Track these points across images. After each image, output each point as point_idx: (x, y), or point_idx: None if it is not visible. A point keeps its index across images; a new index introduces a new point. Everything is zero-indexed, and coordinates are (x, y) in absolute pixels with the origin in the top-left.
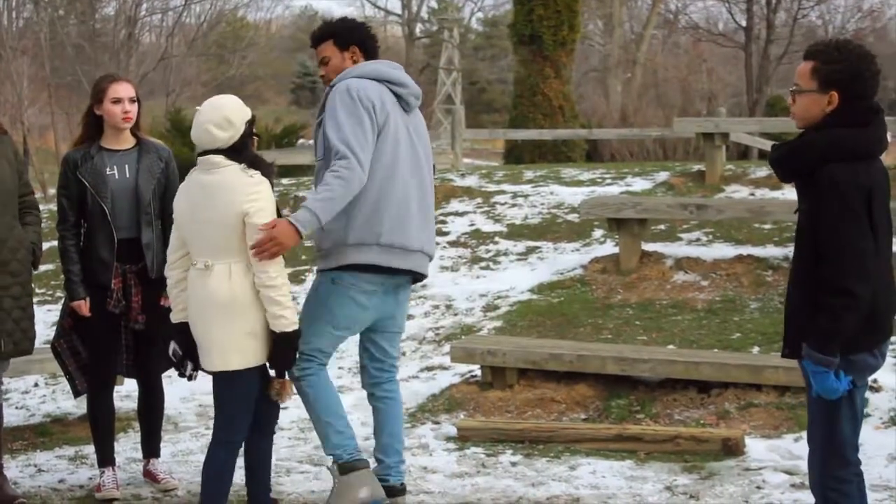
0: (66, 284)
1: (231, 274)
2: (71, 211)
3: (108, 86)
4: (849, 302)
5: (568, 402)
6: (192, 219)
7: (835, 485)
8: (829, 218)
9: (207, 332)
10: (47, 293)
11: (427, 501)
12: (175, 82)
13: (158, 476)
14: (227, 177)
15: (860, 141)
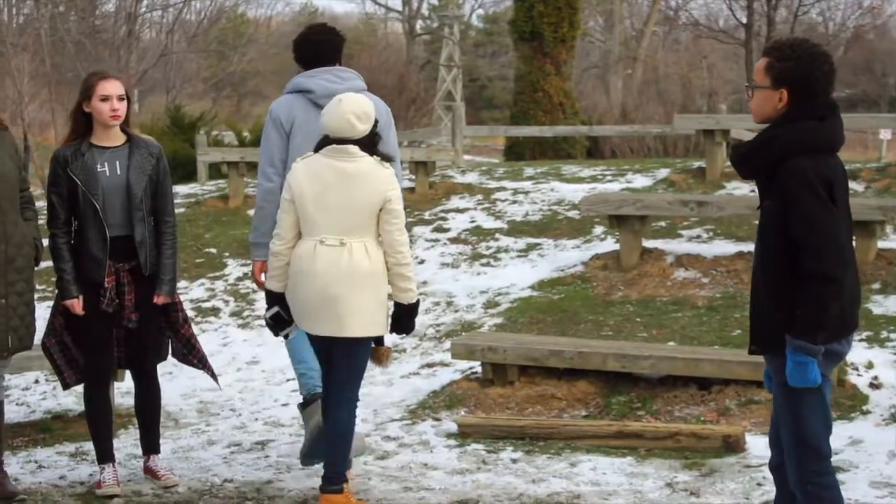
0: (57, 283)
1: (367, 250)
2: (62, 209)
3: (97, 83)
4: (834, 289)
5: (569, 399)
6: (323, 201)
7: (814, 478)
8: (803, 209)
9: (350, 302)
10: (47, 290)
11: (427, 498)
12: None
13: (159, 473)
14: (367, 166)
15: (820, 135)
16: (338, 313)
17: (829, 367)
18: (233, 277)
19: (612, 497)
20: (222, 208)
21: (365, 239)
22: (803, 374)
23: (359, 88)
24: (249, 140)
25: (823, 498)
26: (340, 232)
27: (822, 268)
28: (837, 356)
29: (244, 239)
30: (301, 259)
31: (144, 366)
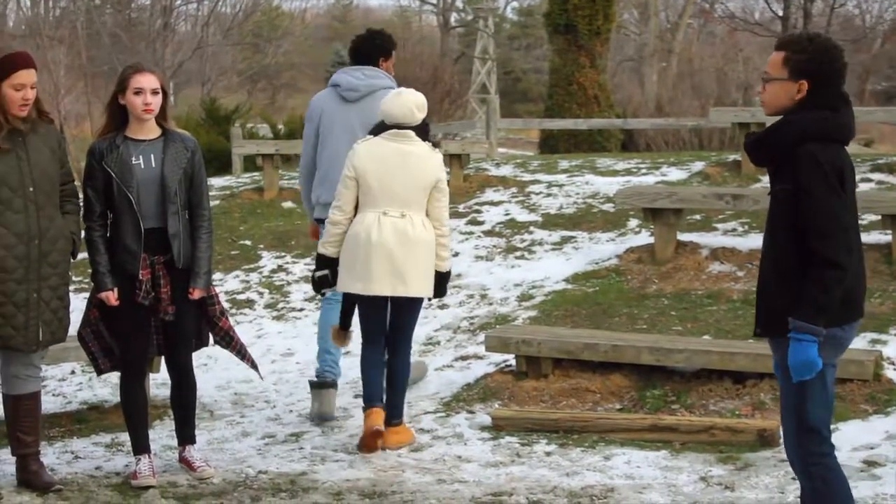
0: (92, 275)
1: (423, 223)
2: (97, 201)
3: (131, 76)
4: (839, 274)
5: (603, 392)
6: (386, 178)
7: (817, 460)
8: (813, 193)
9: (415, 266)
10: (84, 281)
11: (461, 490)
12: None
13: (194, 464)
14: (423, 150)
15: (833, 124)
16: (403, 275)
17: (831, 353)
18: (267, 269)
19: (647, 491)
20: (257, 200)
21: (420, 213)
22: (804, 355)
23: (380, 87)
24: (284, 133)
25: (828, 478)
26: (400, 206)
27: (827, 252)
28: (839, 342)
29: (279, 231)
30: (367, 229)
31: (179, 359)
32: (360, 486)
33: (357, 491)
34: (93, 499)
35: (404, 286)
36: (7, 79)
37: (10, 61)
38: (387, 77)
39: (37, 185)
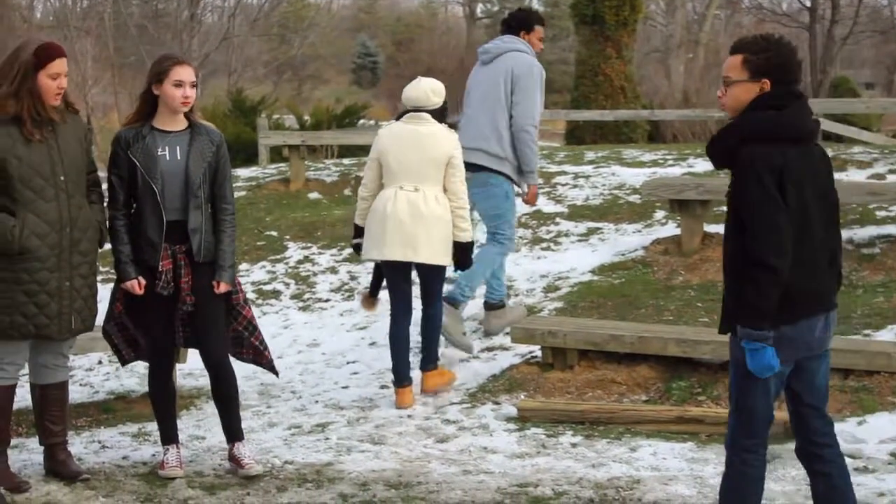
0: (115, 265)
1: (437, 197)
2: (121, 190)
3: (172, 67)
4: (768, 275)
5: (629, 384)
6: (403, 156)
7: (739, 452)
8: (747, 195)
9: (425, 235)
10: (110, 271)
11: (487, 481)
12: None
13: (243, 461)
14: (438, 131)
15: (776, 124)
16: (413, 244)
17: (786, 352)
18: (293, 260)
19: (673, 482)
20: (283, 191)
21: (435, 188)
22: (759, 361)
23: (510, 49)
24: (310, 124)
25: (745, 474)
26: (415, 181)
27: (758, 254)
28: (791, 341)
29: (305, 222)
30: (384, 202)
31: (212, 353)
32: (385, 476)
33: (383, 481)
34: (120, 488)
35: (414, 253)
36: (44, 68)
37: (46, 51)
38: (522, 43)
39: (67, 175)
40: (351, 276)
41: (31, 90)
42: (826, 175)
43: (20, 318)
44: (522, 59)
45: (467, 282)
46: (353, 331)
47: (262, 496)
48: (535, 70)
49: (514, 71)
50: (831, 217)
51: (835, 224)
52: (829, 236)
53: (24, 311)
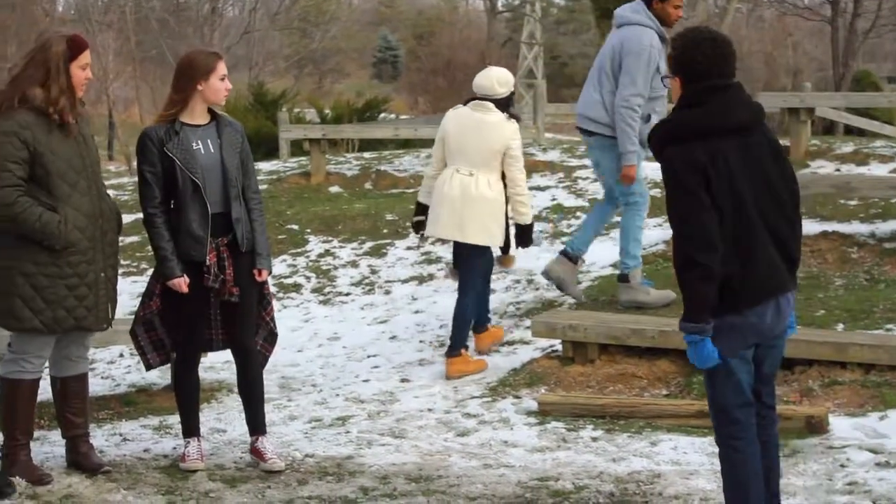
0: (159, 263)
1: (489, 181)
2: (158, 187)
3: (217, 62)
4: (697, 271)
5: (649, 378)
6: (462, 141)
7: (725, 441)
8: (669, 197)
9: (472, 218)
10: (132, 265)
11: (507, 475)
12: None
13: (265, 454)
14: (498, 120)
15: (693, 121)
16: (461, 224)
17: (734, 344)
18: (314, 254)
19: (693, 477)
20: (304, 185)
21: (489, 173)
22: (698, 353)
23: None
24: (331, 117)
25: (734, 461)
26: (470, 165)
27: (684, 252)
28: (741, 329)
29: (326, 215)
30: (442, 183)
31: (244, 341)
32: (406, 469)
33: (403, 475)
34: (141, 481)
35: (461, 233)
36: (75, 59)
37: (77, 42)
38: (644, 15)
39: (93, 166)
40: (371, 269)
41: (67, 82)
42: (772, 162)
43: (62, 311)
44: (634, 36)
45: (625, 254)
46: (373, 324)
47: (282, 489)
48: (644, 49)
49: (624, 46)
50: (778, 204)
51: (783, 210)
52: (776, 224)
53: (66, 304)
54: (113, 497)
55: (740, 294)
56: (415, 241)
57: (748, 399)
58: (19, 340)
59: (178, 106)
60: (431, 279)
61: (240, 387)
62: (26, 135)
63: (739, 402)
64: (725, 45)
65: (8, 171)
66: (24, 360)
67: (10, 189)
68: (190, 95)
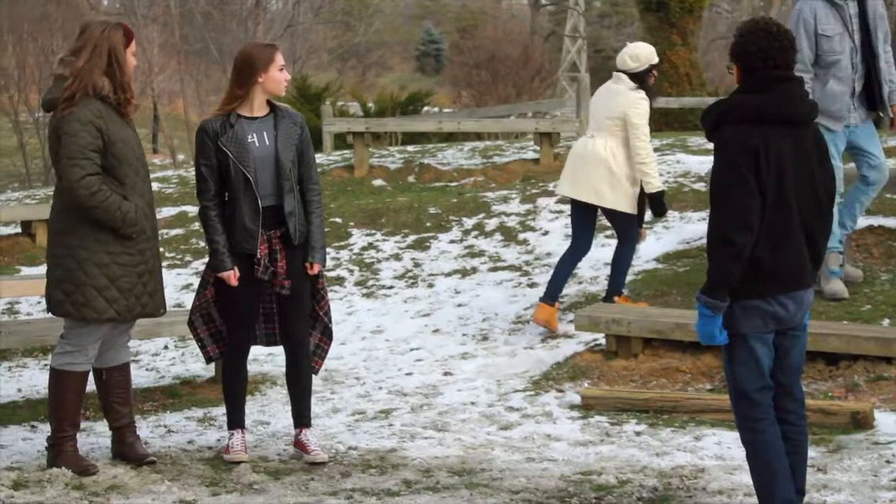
0: (212, 255)
1: (606, 145)
2: (212, 181)
3: (275, 53)
4: (729, 250)
5: (693, 373)
6: (594, 108)
7: (747, 424)
8: (716, 173)
9: (585, 177)
10: (176, 257)
11: (550, 469)
12: (301, 49)
13: (309, 447)
14: (623, 90)
15: (752, 106)
16: (575, 182)
17: (756, 324)
18: (357, 247)
19: (737, 472)
20: (347, 178)
21: (610, 139)
22: (705, 327)
23: None
24: (374, 111)
25: (757, 442)
26: (594, 130)
27: (720, 228)
28: (764, 313)
29: (369, 209)
30: (575, 144)
31: (295, 334)
32: (449, 463)
33: (446, 468)
34: (185, 472)
35: (575, 190)
36: (129, 46)
37: (128, 30)
38: None
39: (143, 154)
40: (415, 262)
41: (126, 70)
42: (817, 159)
43: (133, 299)
44: (793, 11)
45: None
46: (416, 318)
47: (326, 482)
48: (795, 23)
49: None
50: (817, 201)
51: (819, 208)
52: (811, 218)
53: (136, 291)
54: (157, 488)
55: (767, 280)
56: (458, 234)
57: (768, 383)
58: (78, 332)
59: (239, 99)
60: (474, 272)
61: (288, 379)
62: (100, 123)
63: (759, 386)
64: (782, 38)
65: (88, 159)
66: (79, 351)
67: (92, 177)
68: (250, 88)
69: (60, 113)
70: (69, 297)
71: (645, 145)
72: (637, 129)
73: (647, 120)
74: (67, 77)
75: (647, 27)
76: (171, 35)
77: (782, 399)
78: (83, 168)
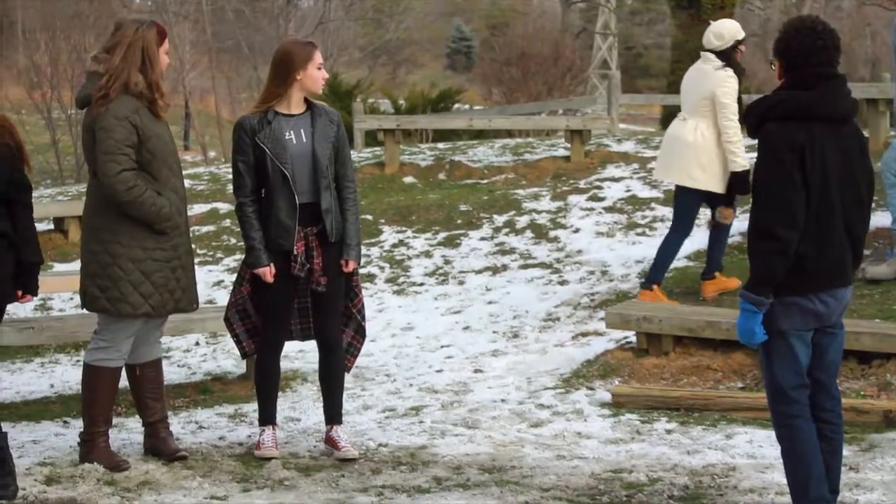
0: (248, 251)
1: (697, 126)
2: (249, 177)
3: (314, 51)
4: (773, 245)
5: (724, 371)
6: (684, 89)
7: (783, 420)
8: (759, 168)
9: (672, 158)
10: (208, 254)
11: (581, 466)
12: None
13: (339, 444)
14: (710, 70)
15: (798, 103)
16: (666, 163)
17: (796, 321)
18: (388, 244)
19: (769, 470)
20: (378, 175)
21: (702, 120)
22: (745, 323)
23: None
24: (405, 108)
25: (793, 439)
26: (686, 111)
27: (765, 224)
28: (804, 311)
29: (400, 206)
30: (670, 126)
31: (329, 332)
32: (479, 460)
33: (477, 465)
34: (216, 468)
35: (668, 173)
36: (162, 44)
37: (161, 28)
38: None
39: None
40: (445, 259)
41: (157, 69)
42: (857, 156)
43: (167, 294)
44: None
45: None
46: (447, 315)
47: (356, 478)
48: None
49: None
50: (858, 198)
51: (860, 205)
52: (852, 215)
53: (169, 286)
54: (189, 484)
55: (810, 278)
56: (489, 231)
57: (805, 381)
58: (112, 328)
59: (277, 97)
60: (505, 270)
61: (321, 376)
62: (135, 119)
63: (796, 384)
64: (826, 37)
65: (124, 154)
66: (113, 347)
67: (129, 173)
68: (288, 86)
69: (95, 109)
70: (104, 293)
71: (733, 124)
72: (725, 108)
73: (735, 98)
74: (101, 74)
75: (678, 24)
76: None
77: (820, 396)
78: (119, 163)
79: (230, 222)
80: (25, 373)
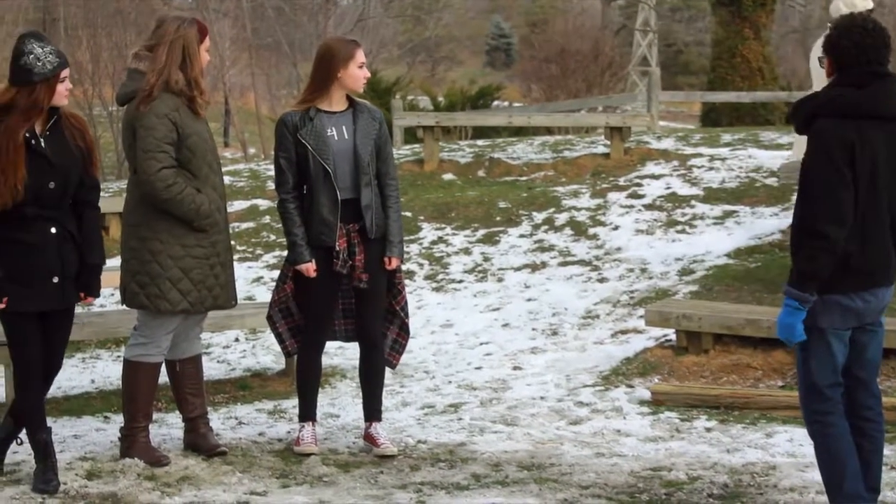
0: (290, 248)
1: None
2: (290, 173)
3: (356, 50)
4: (822, 243)
5: (765, 369)
6: (815, 63)
7: (817, 417)
8: (809, 165)
9: None
10: (247, 251)
11: (620, 464)
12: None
13: (378, 440)
14: None
15: (849, 101)
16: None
17: (835, 319)
18: (427, 241)
19: (809, 469)
20: (417, 172)
21: None
22: (789, 318)
23: None
24: (444, 105)
25: (826, 435)
26: (817, 85)
27: (813, 220)
28: (845, 309)
29: (439, 203)
30: None
31: (370, 329)
32: (518, 457)
33: (515, 462)
34: (256, 464)
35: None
36: (203, 42)
37: (202, 26)
38: None
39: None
40: (484, 257)
41: (197, 67)
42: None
43: (205, 291)
44: None
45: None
46: (486, 312)
47: (395, 475)
48: None
49: None
50: None
51: None
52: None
53: (207, 283)
54: (228, 479)
55: (853, 276)
56: (528, 228)
57: (840, 380)
58: (151, 324)
59: (319, 94)
60: (544, 267)
61: (361, 373)
62: (175, 117)
63: (831, 382)
64: (878, 35)
65: (164, 151)
66: (152, 343)
67: (168, 171)
68: (330, 83)
69: (137, 107)
70: (144, 290)
71: None
72: None
73: None
74: (141, 72)
75: (718, 21)
76: (243, 29)
77: (860, 394)
78: (159, 161)
79: (270, 219)
80: (67, 368)
